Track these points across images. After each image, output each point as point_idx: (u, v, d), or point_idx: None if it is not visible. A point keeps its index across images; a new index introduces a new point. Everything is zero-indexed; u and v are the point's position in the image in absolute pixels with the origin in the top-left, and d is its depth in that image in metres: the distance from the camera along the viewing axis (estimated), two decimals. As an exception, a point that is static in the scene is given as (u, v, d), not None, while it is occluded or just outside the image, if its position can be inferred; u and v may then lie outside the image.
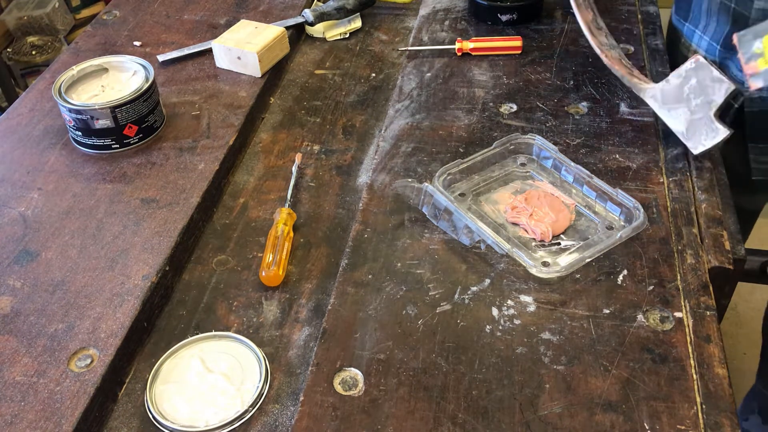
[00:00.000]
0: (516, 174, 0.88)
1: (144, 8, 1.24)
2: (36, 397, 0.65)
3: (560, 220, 0.79)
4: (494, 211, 0.83)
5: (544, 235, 0.78)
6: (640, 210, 0.78)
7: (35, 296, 0.74)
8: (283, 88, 1.09)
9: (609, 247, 0.76)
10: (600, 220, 0.81)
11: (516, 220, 0.81)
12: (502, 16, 1.13)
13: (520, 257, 0.75)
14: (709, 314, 0.69)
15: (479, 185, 0.86)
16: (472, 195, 0.85)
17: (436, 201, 0.80)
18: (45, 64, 2.24)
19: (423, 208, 0.82)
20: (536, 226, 0.78)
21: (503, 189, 0.86)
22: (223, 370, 0.70)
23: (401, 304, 0.72)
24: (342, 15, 1.19)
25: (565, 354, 0.67)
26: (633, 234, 0.77)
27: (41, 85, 1.06)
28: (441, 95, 1.00)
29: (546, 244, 0.78)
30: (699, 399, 0.62)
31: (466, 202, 0.83)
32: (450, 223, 0.79)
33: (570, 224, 0.80)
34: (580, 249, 0.77)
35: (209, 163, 0.91)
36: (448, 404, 0.63)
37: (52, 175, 0.90)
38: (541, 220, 0.79)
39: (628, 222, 0.79)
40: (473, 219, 0.78)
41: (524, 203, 0.81)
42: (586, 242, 0.78)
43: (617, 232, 0.77)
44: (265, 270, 0.77)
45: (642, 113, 0.94)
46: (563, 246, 0.78)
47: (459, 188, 0.85)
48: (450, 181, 0.85)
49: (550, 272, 0.74)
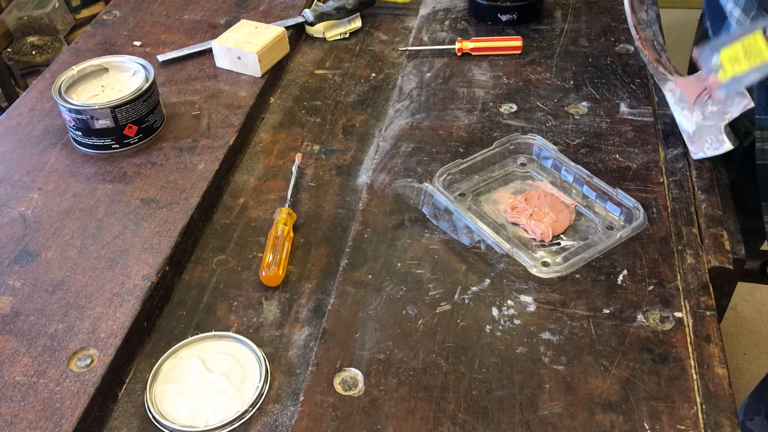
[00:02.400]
0: (516, 174, 0.88)
1: (144, 8, 1.24)
2: (36, 397, 0.65)
3: (560, 220, 0.79)
4: (494, 211, 0.83)
5: (544, 235, 0.78)
6: (640, 210, 0.78)
7: (35, 296, 0.74)
8: (283, 88, 1.09)
9: (609, 246, 0.76)
10: (600, 220, 0.81)
11: (516, 220, 0.81)
12: (502, 16, 1.13)
13: (520, 257, 0.75)
14: (709, 314, 0.69)
15: (479, 185, 0.86)
16: (472, 195, 0.85)
17: (437, 201, 0.80)
18: (45, 64, 2.24)
19: (423, 208, 0.82)
20: (536, 226, 0.78)
21: (503, 189, 0.86)
22: (223, 370, 0.70)
23: (401, 304, 0.72)
24: (342, 15, 1.19)
25: (565, 354, 0.67)
26: (633, 234, 0.77)
27: (41, 85, 1.06)
28: (441, 95, 1.00)
29: (546, 244, 0.78)
30: (699, 399, 0.62)
31: (466, 202, 0.83)
32: (450, 223, 0.79)
33: (570, 224, 0.80)
34: (580, 249, 0.77)
35: (209, 163, 0.91)
36: (448, 404, 0.63)
37: (52, 175, 0.90)
38: (541, 220, 0.79)
39: (628, 222, 0.79)
40: (473, 219, 0.78)
41: (524, 203, 0.81)
42: (586, 242, 0.78)
43: (617, 232, 0.77)
44: (265, 270, 0.77)
45: (642, 113, 0.94)
46: (563, 246, 0.78)
47: (459, 188, 0.85)
48: (450, 181, 0.85)
49: (550, 272, 0.74)
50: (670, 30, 1.03)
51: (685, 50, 1.18)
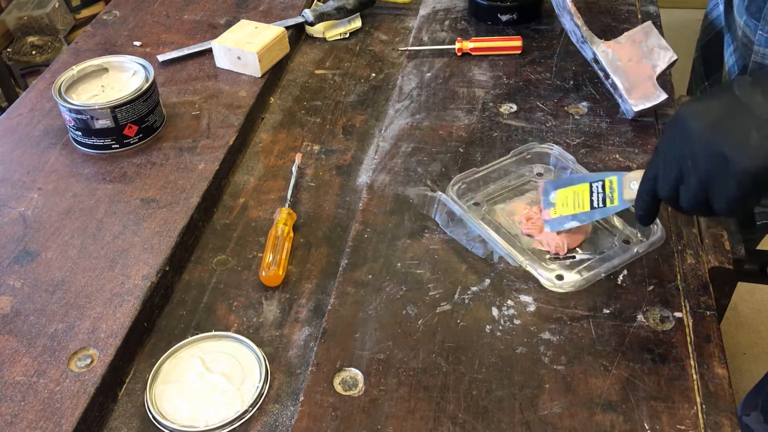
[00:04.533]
0: (532, 184, 0.85)
1: (144, 8, 1.24)
2: (36, 397, 0.65)
3: (576, 233, 0.77)
4: (509, 222, 0.80)
5: (559, 248, 0.76)
6: (658, 225, 0.75)
7: (35, 296, 0.74)
8: (283, 88, 1.09)
9: (625, 262, 0.73)
10: (617, 233, 0.78)
11: (530, 231, 0.78)
12: (502, 16, 1.13)
13: (534, 270, 0.73)
14: (709, 314, 0.69)
15: (494, 194, 0.84)
16: (487, 204, 0.82)
17: (450, 210, 0.78)
18: (45, 64, 2.24)
19: (436, 216, 0.80)
20: (551, 239, 0.76)
21: (519, 199, 0.83)
22: (223, 370, 0.70)
23: (401, 304, 0.72)
24: (342, 15, 1.19)
25: (565, 354, 0.67)
26: (650, 249, 0.74)
27: (41, 85, 1.06)
28: (441, 95, 1.00)
29: (560, 257, 0.76)
30: (699, 399, 0.62)
31: (480, 212, 0.81)
32: (463, 232, 0.78)
33: (586, 237, 0.78)
34: (595, 263, 0.74)
35: (209, 163, 0.91)
36: (448, 404, 0.63)
37: (52, 175, 0.90)
38: (557, 232, 0.76)
39: (645, 237, 0.76)
40: (486, 229, 0.76)
41: (539, 214, 0.79)
42: (601, 256, 0.75)
43: (634, 247, 0.74)
44: (265, 270, 0.77)
45: (642, 113, 0.94)
46: (578, 259, 0.75)
47: (473, 197, 0.83)
48: (465, 189, 0.83)
49: (564, 287, 0.72)
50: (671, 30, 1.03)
51: (685, 50, 1.18)
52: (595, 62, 0.95)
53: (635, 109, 0.91)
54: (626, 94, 0.91)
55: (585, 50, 0.97)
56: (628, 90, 0.91)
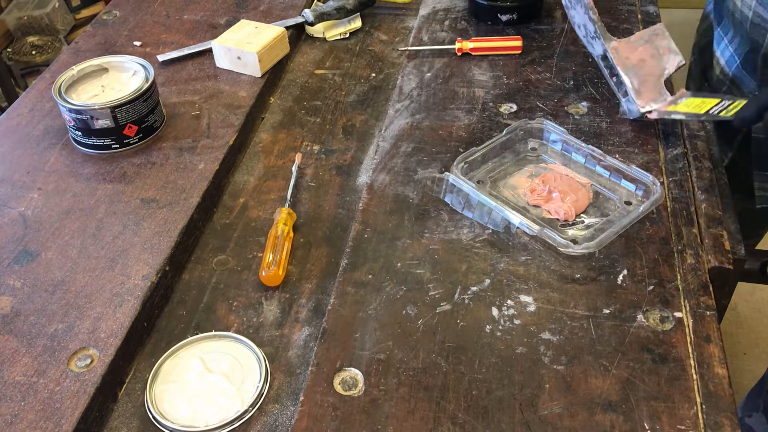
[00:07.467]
0: (528, 158, 0.89)
1: (144, 8, 1.24)
2: (36, 397, 0.65)
3: (580, 200, 0.81)
4: (514, 196, 0.84)
5: (568, 215, 0.80)
6: (657, 184, 0.79)
7: (35, 296, 0.74)
8: (283, 88, 1.09)
9: (633, 221, 0.78)
10: (617, 196, 0.82)
11: (536, 202, 0.82)
12: (502, 16, 1.13)
13: (551, 237, 0.76)
14: (709, 314, 0.69)
15: (494, 171, 0.87)
16: (490, 182, 0.86)
17: (460, 189, 0.81)
18: (45, 64, 2.24)
19: (446, 197, 0.83)
20: (559, 206, 0.80)
21: (518, 174, 0.87)
22: (223, 370, 0.70)
23: (401, 304, 0.72)
24: (342, 15, 1.19)
25: (565, 354, 0.67)
26: (653, 207, 0.79)
27: (41, 85, 1.06)
28: (441, 95, 1.00)
29: (570, 223, 0.80)
30: (699, 399, 0.62)
31: (485, 189, 0.84)
32: (475, 210, 0.80)
33: (589, 202, 0.82)
34: (605, 225, 0.78)
35: (209, 163, 0.91)
36: (448, 404, 0.63)
37: (52, 175, 0.90)
38: (563, 200, 0.81)
39: (645, 197, 0.80)
40: (500, 204, 0.79)
41: (542, 185, 0.83)
42: (608, 218, 0.80)
43: (637, 207, 0.79)
44: (265, 270, 0.77)
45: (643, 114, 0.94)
46: (587, 224, 0.80)
47: (475, 176, 0.86)
48: (466, 170, 0.86)
49: (581, 249, 0.75)
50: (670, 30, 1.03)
51: (685, 51, 1.18)
52: (603, 59, 0.95)
53: (642, 111, 0.90)
54: (634, 94, 0.91)
55: (594, 46, 0.96)
56: (637, 90, 0.91)
